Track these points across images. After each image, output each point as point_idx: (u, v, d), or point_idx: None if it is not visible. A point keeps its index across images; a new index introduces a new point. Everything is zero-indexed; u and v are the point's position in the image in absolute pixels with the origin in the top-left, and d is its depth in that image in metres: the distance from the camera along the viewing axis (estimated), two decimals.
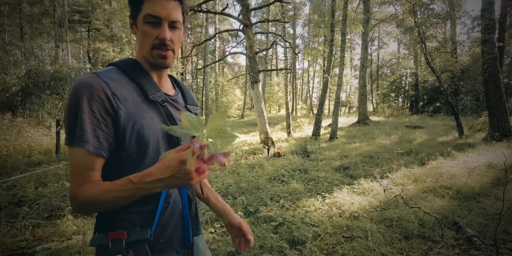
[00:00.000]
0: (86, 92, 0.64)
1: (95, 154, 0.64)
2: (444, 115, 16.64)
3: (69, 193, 0.65)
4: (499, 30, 11.48)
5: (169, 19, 0.71)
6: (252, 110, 29.23)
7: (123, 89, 0.69)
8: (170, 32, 0.72)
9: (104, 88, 0.65)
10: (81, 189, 0.63)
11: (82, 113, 0.63)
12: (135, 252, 0.66)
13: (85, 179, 0.64)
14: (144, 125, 0.69)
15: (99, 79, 0.66)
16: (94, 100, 0.64)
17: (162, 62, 0.74)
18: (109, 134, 0.66)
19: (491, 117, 7.18)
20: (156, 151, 0.72)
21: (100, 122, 0.64)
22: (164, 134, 0.73)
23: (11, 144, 5.67)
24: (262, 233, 2.50)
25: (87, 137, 0.63)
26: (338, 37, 14.13)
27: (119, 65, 0.75)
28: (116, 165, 0.70)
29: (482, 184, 3.73)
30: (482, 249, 2.19)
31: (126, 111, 0.67)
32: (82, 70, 10.73)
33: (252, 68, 8.35)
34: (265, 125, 8.52)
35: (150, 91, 0.73)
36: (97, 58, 20.90)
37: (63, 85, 8.63)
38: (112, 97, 0.66)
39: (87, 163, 0.64)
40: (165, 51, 0.73)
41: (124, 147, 0.68)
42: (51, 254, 2.10)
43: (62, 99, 8.36)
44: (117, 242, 0.66)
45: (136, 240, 0.67)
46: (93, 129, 0.64)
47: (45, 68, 9.28)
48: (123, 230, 0.68)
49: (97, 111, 0.64)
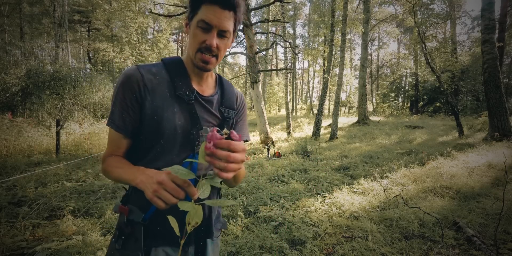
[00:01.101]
0: (124, 81, 0.75)
1: (119, 134, 0.77)
2: (444, 115, 16.65)
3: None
4: (499, 30, 11.48)
5: (219, 27, 0.74)
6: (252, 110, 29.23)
7: (155, 82, 0.77)
8: (218, 40, 0.76)
9: (138, 79, 0.75)
10: (108, 158, 0.79)
11: (116, 98, 0.76)
12: (132, 230, 0.76)
13: (112, 151, 0.80)
14: (164, 118, 0.76)
15: (137, 71, 0.76)
16: (127, 88, 0.75)
17: (203, 65, 0.78)
18: (135, 119, 0.77)
19: (491, 117, 7.18)
20: (170, 143, 0.78)
21: (129, 107, 0.75)
22: (183, 129, 0.78)
23: (11, 144, 5.66)
24: (262, 233, 2.50)
25: (114, 119, 0.76)
26: (338, 37, 14.15)
27: (165, 61, 0.83)
28: (138, 148, 0.80)
29: (482, 184, 3.72)
30: (482, 249, 2.19)
31: (151, 102, 0.75)
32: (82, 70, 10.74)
33: (252, 68, 8.35)
34: (265, 125, 8.52)
35: (179, 88, 0.79)
36: (97, 58, 20.92)
37: (63, 85, 8.63)
38: (143, 88, 0.75)
39: (114, 140, 0.79)
40: (209, 56, 0.76)
41: (142, 133, 0.78)
42: (51, 254, 2.10)
43: (62, 99, 8.36)
44: (122, 215, 0.79)
45: (133, 220, 0.76)
46: (121, 112, 0.76)
47: (45, 68, 9.28)
48: (129, 206, 0.78)
49: (128, 98, 0.75)
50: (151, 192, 0.60)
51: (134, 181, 0.67)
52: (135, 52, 21.27)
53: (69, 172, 4.49)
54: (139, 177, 0.66)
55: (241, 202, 3.31)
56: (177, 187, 0.59)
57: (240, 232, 2.57)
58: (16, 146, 5.70)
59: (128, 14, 18.90)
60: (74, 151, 6.27)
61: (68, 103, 8.34)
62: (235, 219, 2.88)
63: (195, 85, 0.83)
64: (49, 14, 16.28)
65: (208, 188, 0.60)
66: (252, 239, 2.41)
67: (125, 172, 0.72)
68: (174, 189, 0.59)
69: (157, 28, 26.23)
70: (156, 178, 0.61)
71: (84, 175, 4.32)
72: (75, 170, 4.62)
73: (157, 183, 0.60)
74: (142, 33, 21.29)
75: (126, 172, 0.72)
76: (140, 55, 21.41)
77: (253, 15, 22.12)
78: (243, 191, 3.80)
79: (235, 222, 2.78)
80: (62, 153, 5.87)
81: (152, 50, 21.87)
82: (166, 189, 0.59)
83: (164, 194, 0.59)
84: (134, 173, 0.69)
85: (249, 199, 3.46)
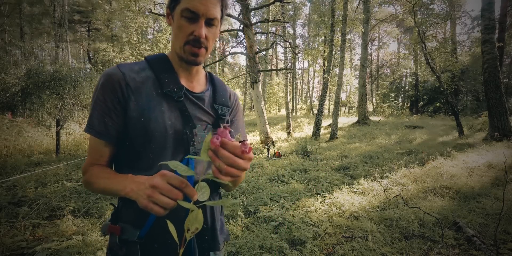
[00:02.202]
0: (103, 81, 0.68)
1: (100, 140, 0.70)
2: (444, 115, 16.64)
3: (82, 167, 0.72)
4: (499, 30, 11.48)
5: (207, 15, 0.67)
6: (252, 110, 29.24)
7: (139, 80, 0.70)
8: (206, 29, 0.69)
9: (119, 79, 0.68)
10: (89, 168, 0.71)
11: (95, 101, 0.69)
12: (127, 250, 0.66)
13: (94, 160, 0.72)
14: (152, 118, 0.68)
15: (117, 70, 0.69)
16: (108, 89, 0.68)
17: (193, 59, 0.71)
18: (118, 123, 0.69)
19: (491, 117, 7.18)
20: (162, 146, 0.70)
21: (111, 110, 0.68)
22: (174, 129, 0.71)
23: (11, 144, 5.66)
24: (262, 233, 2.50)
25: (93, 124, 0.69)
26: (338, 37, 14.13)
27: (148, 58, 0.77)
28: (124, 155, 0.73)
29: (482, 184, 3.72)
30: (482, 249, 2.18)
31: (136, 103, 0.68)
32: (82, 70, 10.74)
33: (252, 68, 8.35)
34: (265, 125, 8.52)
35: (166, 85, 0.71)
36: (97, 58, 20.89)
37: (63, 85, 8.63)
38: (126, 87, 0.68)
39: (95, 147, 0.71)
40: (198, 48, 0.70)
41: (129, 138, 0.70)
42: (51, 254, 2.10)
43: (62, 99, 8.35)
44: (113, 236, 0.69)
45: (127, 239, 0.67)
46: (102, 116, 0.68)
47: (45, 68, 9.28)
48: (120, 225, 0.69)
49: (109, 99, 0.68)
50: (145, 199, 0.53)
51: (124, 190, 0.59)
52: (135, 52, 21.27)
53: (69, 172, 4.49)
54: (128, 185, 0.59)
55: (241, 202, 3.31)
56: (173, 188, 0.52)
57: (240, 232, 2.57)
58: (16, 146, 5.70)
59: (128, 14, 18.90)
60: (74, 151, 6.27)
61: (68, 103, 8.33)
62: (235, 219, 2.88)
63: (183, 82, 0.76)
64: (49, 14, 16.30)
65: (208, 191, 0.54)
66: (252, 239, 2.41)
67: (111, 182, 0.64)
68: (171, 190, 0.52)
69: (157, 28, 26.21)
70: (149, 183, 0.54)
71: None
72: (75, 170, 4.62)
73: (151, 187, 0.53)
74: (142, 33, 21.29)
75: (113, 182, 0.64)
76: (140, 55, 21.41)
77: (253, 15, 22.13)
78: (243, 191, 3.80)
79: (235, 222, 2.78)
80: (62, 153, 5.87)
81: (152, 50, 21.86)
82: (161, 192, 0.52)
83: (160, 198, 0.51)
84: (122, 182, 0.61)
85: (249, 199, 3.46)
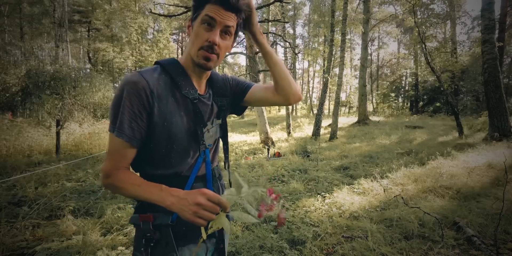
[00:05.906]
0: (129, 89, 0.73)
1: (128, 144, 0.75)
2: (444, 115, 16.66)
3: (102, 169, 0.76)
4: (499, 30, 11.49)
5: (223, 23, 0.75)
6: (252, 110, 29.22)
7: (161, 88, 0.76)
8: (221, 39, 0.77)
9: (144, 86, 0.73)
10: (116, 172, 0.75)
11: (123, 106, 0.73)
12: (161, 234, 0.77)
13: (119, 163, 0.76)
14: (174, 123, 0.77)
15: (142, 78, 0.74)
16: (134, 96, 0.73)
17: (204, 63, 0.78)
18: (143, 127, 0.75)
19: (491, 117, 7.18)
20: (182, 146, 0.80)
21: (137, 115, 0.74)
22: (191, 131, 0.81)
23: (11, 144, 5.66)
24: (262, 233, 2.50)
25: (124, 129, 0.73)
26: (338, 37, 14.14)
27: (161, 62, 0.82)
28: (147, 156, 0.80)
29: (482, 184, 3.72)
30: (482, 249, 2.18)
31: (159, 109, 0.75)
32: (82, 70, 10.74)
33: (252, 68, 8.36)
34: (265, 125, 8.52)
35: (184, 87, 0.79)
36: (97, 58, 20.90)
37: (63, 85, 8.64)
38: (150, 95, 0.74)
39: (121, 151, 0.76)
40: (211, 53, 0.76)
41: (153, 141, 0.78)
42: (51, 254, 2.10)
43: (62, 99, 8.36)
44: (146, 223, 0.77)
45: (160, 224, 0.77)
46: (130, 121, 0.73)
47: (45, 68, 9.29)
48: (151, 213, 0.77)
49: (136, 106, 0.73)
50: (191, 214, 0.64)
51: (163, 203, 0.69)
52: (135, 52, 21.28)
53: (69, 172, 4.49)
54: (167, 199, 0.69)
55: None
56: (214, 205, 0.64)
57: (240, 232, 2.57)
58: (16, 146, 5.70)
59: (128, 14, 18.91)
60: (74, 151, 6.27)
61: (68, 103, 8.34)
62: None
63: (194, 85, 0.84)
64: (49, 14, 16.30)
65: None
66: (252, 239, 2.41)
67: (145, 190, 0.72)
68: (213, 207, 0.64)
69: (157, 28, 26.22)
70: (193, 200, 0.65)
71: (84, 175, 4.32)
72: (75, 170, 4.62)
73: (195, 204, 0.64)
74: (142, 33, 21.30)
75: (145, 191, 0.72)
76: (140, 55, 21.42)
77: None
78: None
79: (235, 222, 2.78)
80: (62, 153, 5.87)
81: (152, 50, 21.87)
82: (205, 208, 0.64)
83: (205, 214, 0.64)
84: (157, 193, 0.70)
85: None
